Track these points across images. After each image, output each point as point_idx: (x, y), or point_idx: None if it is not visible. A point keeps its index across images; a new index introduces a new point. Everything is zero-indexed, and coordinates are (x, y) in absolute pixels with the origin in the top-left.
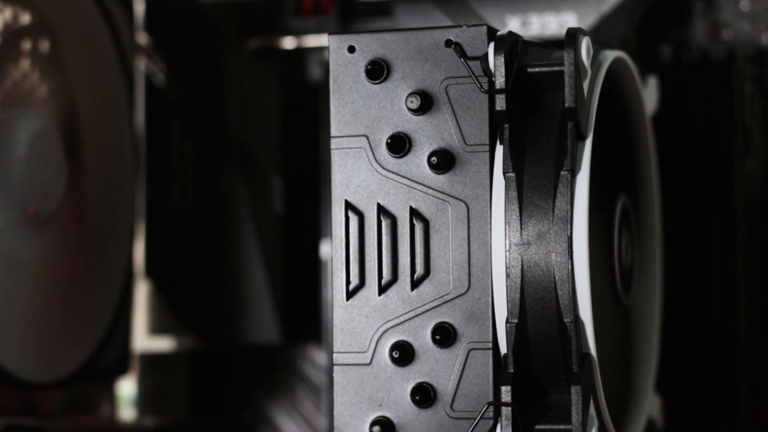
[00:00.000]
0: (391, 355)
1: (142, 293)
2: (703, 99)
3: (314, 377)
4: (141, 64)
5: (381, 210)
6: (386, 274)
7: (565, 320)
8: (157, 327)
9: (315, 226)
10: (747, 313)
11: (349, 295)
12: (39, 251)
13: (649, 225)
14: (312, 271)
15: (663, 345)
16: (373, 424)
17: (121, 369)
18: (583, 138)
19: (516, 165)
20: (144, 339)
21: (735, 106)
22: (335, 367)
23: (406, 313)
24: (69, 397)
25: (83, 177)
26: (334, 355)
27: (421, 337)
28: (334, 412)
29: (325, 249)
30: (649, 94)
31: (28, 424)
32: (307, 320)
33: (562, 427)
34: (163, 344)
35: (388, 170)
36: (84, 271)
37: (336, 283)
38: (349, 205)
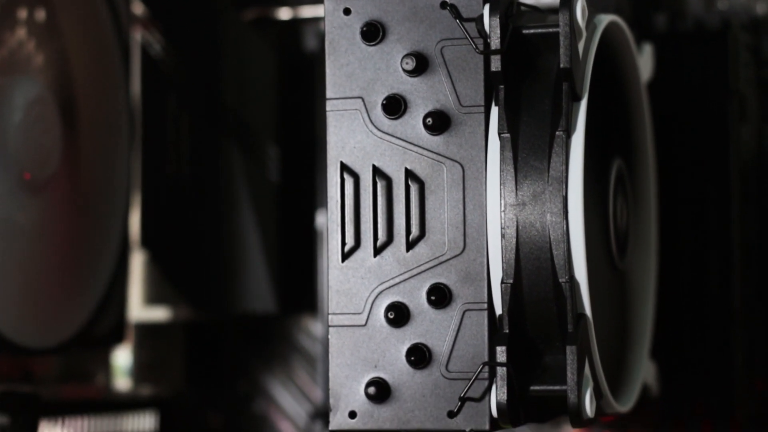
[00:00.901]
0: (386, 316)
1: (137, 263)
2: (699, 67)
3: (309, 347)
4: (137, 35)
5: (376, 171)
6: (381, 236)
7: (560, 280)
8: (153, 297)
9: (311, 195)
10: (743, 281)
11: (345, 256)
12: (35, 217)
13: (644, 190)
14: (308, 241)
15: (658, 312)
16: (368, 385)
17: (117, 337)
18: (578, 99)
19: (511, 126)
20: (139, 309)
21: (730, 75)
22: (330, 329)
23: (401, 275)
24: (64, 365)
25: (79, 144)
26: (329, 316)
27: (417, 298)
28: (329, 374)
29: (320, 219)
30: (644, 62)
31: (23, 390)
32: (302, 290)
33: (557, 387)
34: (159, 314)
35: (383, 132)
36: (79, 238)
37: (331, 245)
38: (344, 167)
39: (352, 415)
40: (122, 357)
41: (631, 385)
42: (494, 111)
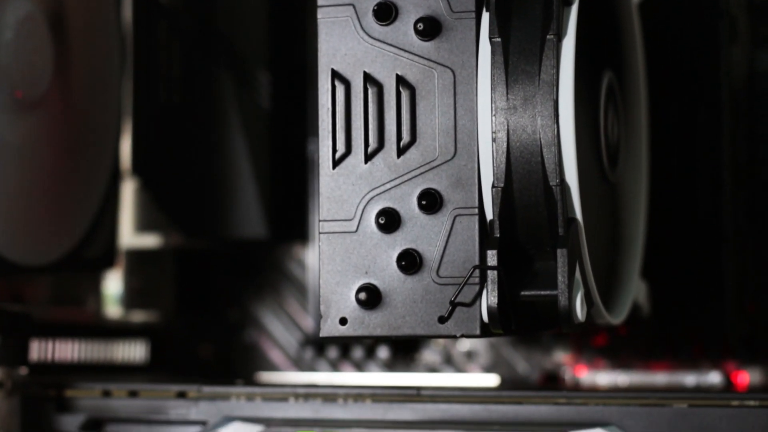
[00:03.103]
0: (377, 222)
1: (128, 191)
2: None
3: (300, 276)
4: None
5: (367, 78)
6: (372, 142)
7: (551, 184)
8: (144, 224)
9: (302, 122)
10: (733, 203)
11: (336, 163)
12: (26, 136)
13: (634, 106)
14: (299, 168)
15: (650, 235)
16: (359, 291)
17: (108, 262)
18: (569, 3)
19: (502, 30)
20: (131, 236)
21: None
22: (321, 236)
23: (392, 180)
24: (55, 288)
25: (70, 63)
26: (320, 223)
27: (408, 204)
28: (320, 281)
29: (312, 147)
30: None
31: (13, 309)
32: (293, 217)
33: (548, 292)
34: (150, 241)
35: (374, 38)
36: (71, 159)
37: (322, 152)
38: (335, 74)
39: (343, 321)
40: (113, 285)
41: (623, 299)
42: (485, 16)
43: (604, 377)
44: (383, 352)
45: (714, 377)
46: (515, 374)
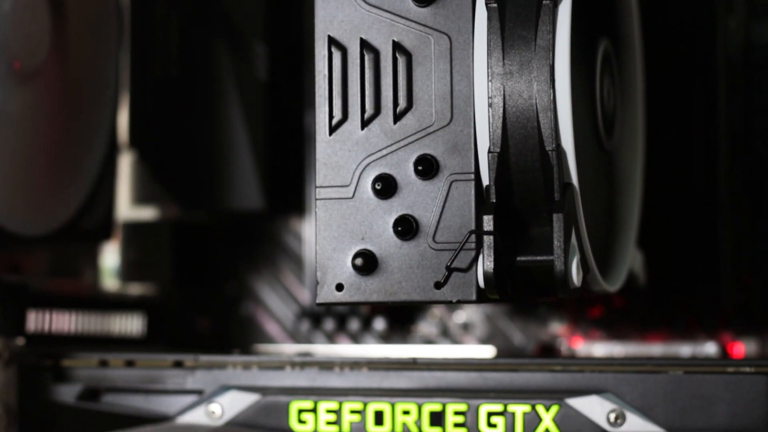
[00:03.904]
0: (373, 188)
1: (125, 164)
2: None
3: (297, 249)
4: None
5: (364, 44)
6: (369, 108)
7: (547, 149)
8: (141, 197)
9: (299, 94)
10: (728, 174)
11: (332, 129)
12: (24, 106)
13: (631, 76)
14: (296, 141)
15: (646, 205)
16: (355, 256)
17: (105, 233)
18: None
19: None
20: (128, 209)
21: None
22: (318, 202)
23: (388, 146)
24: (52, 261)
25: (67, 35)
26: (317, 189)
27: (404, 170)
28: (317, 247)
29: (308, 119)
30: None
31: (10, 279)
32: (290, 190)
33: (544, 257)
34: (147, 214)
35: (371, 5)
36: (69, 130)
37: (319, 118)
38: (332, 41)
39: (339, 287)
40: (110, 258)
41: (619, 267)
42: None
43: (600, 348)
44: (379, 324)
45: (710, 348)
46: (511, 346)
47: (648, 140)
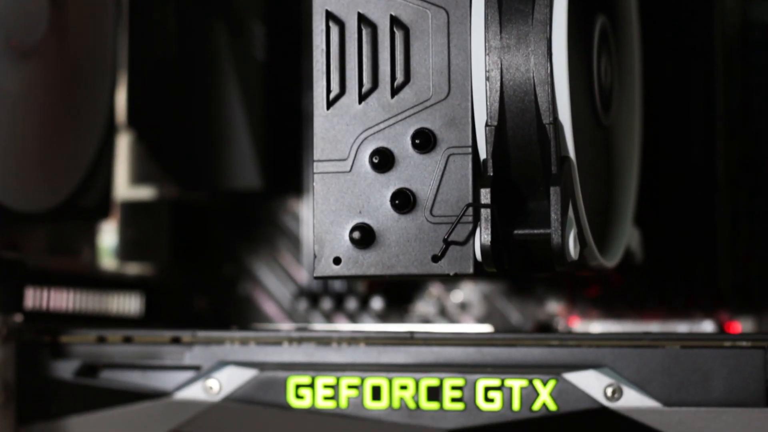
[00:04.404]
0: (371, 162)
1: (124, 144)
2: None
3: (294, 229)
4: None
5: (361, 19)
6: (366, 82)
7: (544, 122)
8: (139, 176)
9: (297, 74)
10: (726, 152)
11: (330, 104)
12: (22, 83)
13: (628, 53)
14: (294, 121)
15: (643, 183)
16: (353, 230)
17: (103, 212)
18: None
19: None
20: (126, 188)
21: None
22: (315, 176)
23: (386, 120)
24: (50, 239)
25: (65, 12)
26: (315, 163)
27: (401, 143)
28: (314, 221)
29: (306, 100)
30: None
31: (8, 256)
32: (288, 170)
33: (540, 231)
34: (145, 193)
35: None
36: (66, 108)
37: (316, 93)
38: (330, 15)
39: (337, 261)
40: (108, 238)
41: (616, 243)
42: None
43: (597, 327)
44: (377, 303)
45: (706, 326)
46: (508, 325)
47: (645, 119)
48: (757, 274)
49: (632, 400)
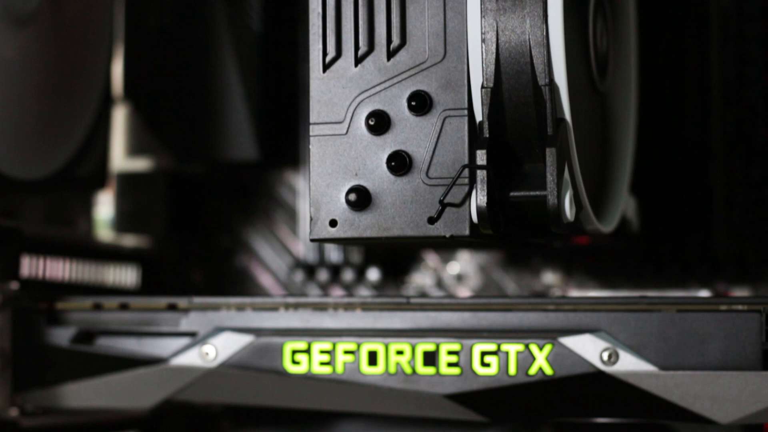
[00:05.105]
0: (367, 124)
1: (120, 115)
2: None
3: (291, 201)
4: None
5: None
6: (363, 45)
7: (540, 84)
8: (135, 148)
9: (293, 45)
10: (721, 121)
11: (326, 66)
12: (18, 50)
13: (623, 20)
14: (290, 92)
15: (639, 152)
16: (348, 192)
17: (99, 182)
18: None
19: None
20: (122, 160)
21: None
22: (312, 139)
23: (382, 83)
24: (47, 209)
25: None
26: (311, 126)
27: (397, 106)
28: (310, 183)
29: (302, 71)
30: None
31: (4, 223)
32: (284, 141)
33: (537, 193)
34: (141, 164)
35: None
36: (63, 76)
37: (313, 56)
38: None
39: (333, 223)
40: (104, 209)
41: (612, 208)
42: None
43: None
44: (373, 274)
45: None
46: None
47: (641, 87)
48: (753, 243)
49: (628, 364)
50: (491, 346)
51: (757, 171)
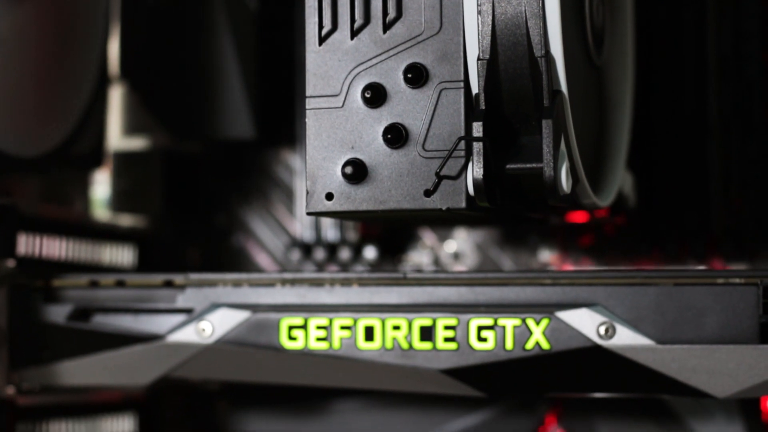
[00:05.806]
0: (363, 97)
1: (116, 95)
2: None
3: (287, 180)
4: None
5: None
6: (359, 18)
7: (537, 55)
8: (132, 127)
9: (290, 24)
10: (718, 98)
11: (322, 39)
12: (14, 27)
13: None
14: (287, 71)
15: (635, 129)
16: (345, 165)
17: (95, 161)
18: None
19: None
20: (118, 139)
21: None
22: (308, 112)
23: (378, 56)
24: (43, 188)
25: None
26: (307, 100)
27: (393, 78)
28: (306, 157)
29: (299, 50)
30: None
31: (1, 202)
32: (281, 120)
33: (533, 165)
34: (138, 143)
35: None
36: (59, 54)
37: (309, 28)
38: None
39: (329, 197)
40: (100, 189)
41: (609, 182)
42: None
43: None
44: (370, 253)
45: None
46: None
47: (637, 63)
48: (750, 219)
49: (625, 338)
50: (488, 321)
51: (754, 147)
